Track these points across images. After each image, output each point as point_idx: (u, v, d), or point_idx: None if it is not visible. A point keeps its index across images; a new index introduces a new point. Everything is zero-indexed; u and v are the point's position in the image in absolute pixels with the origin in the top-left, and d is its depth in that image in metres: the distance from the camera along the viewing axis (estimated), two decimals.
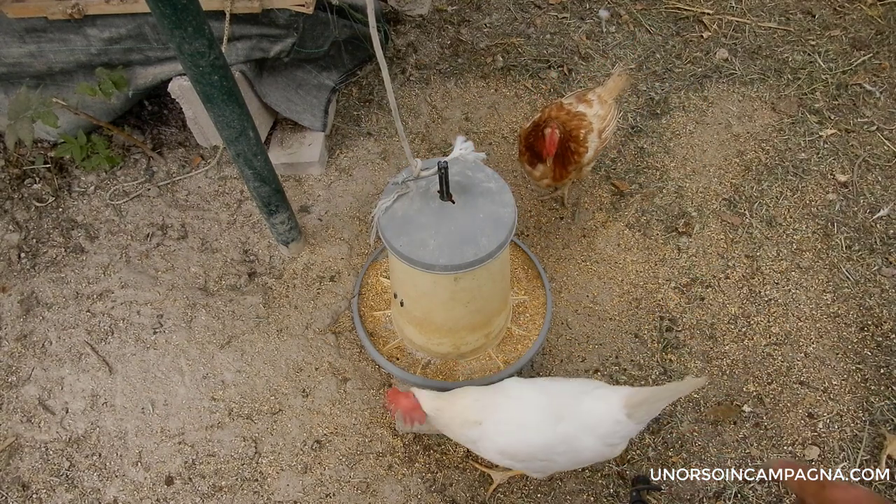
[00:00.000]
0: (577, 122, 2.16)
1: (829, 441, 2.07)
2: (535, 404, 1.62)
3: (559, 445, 1.59)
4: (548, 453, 1.62)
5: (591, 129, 2.17)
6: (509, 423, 1.62)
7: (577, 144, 2.16)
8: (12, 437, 2.17)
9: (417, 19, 3.34)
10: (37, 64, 2.46)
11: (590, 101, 2.21)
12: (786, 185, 2.69)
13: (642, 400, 1.52)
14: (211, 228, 2.64)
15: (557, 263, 2.50)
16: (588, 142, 2.17)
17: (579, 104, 2.20)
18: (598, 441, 1.58)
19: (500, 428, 1.62)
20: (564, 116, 2.17)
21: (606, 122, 2.22)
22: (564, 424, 1.58)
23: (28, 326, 2.41)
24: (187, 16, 1.56)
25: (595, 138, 2.18)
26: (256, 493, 2.03)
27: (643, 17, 3.34)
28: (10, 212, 2.70)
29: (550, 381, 1.70)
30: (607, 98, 2.25)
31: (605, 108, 2.22)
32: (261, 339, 2.34)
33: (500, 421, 1.62)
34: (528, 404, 1.63)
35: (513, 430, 1.62)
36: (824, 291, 2.39)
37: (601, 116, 2.20)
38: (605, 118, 2.21)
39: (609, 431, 1.57)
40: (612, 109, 2.25)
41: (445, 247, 1.50)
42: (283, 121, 2.84)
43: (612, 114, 2.25)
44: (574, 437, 1.58)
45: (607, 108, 2.23)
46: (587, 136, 2.16)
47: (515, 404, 1.64)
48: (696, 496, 2.00)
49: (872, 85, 3.00)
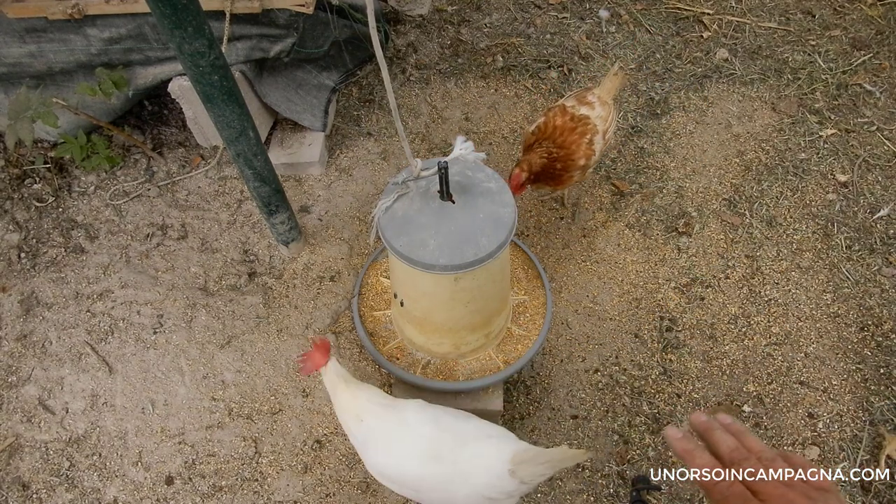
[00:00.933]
0: (582, 130, 2.15)
1: (829, 441, 2.07)
2: (419, 434, 1.53)
3: (430, 483, 1.51)
4: (418, 486, 1.54)
5: (597, 132, 2.17)
6: (388, 441, 1.55)
7: (565, 164, 2.15)
8: (12, 437, 2.17)
9: (417, 19, 3.34)
10: (37, 64, 2.46)
11: (591, 104, 2.21)
12: (786, 185, 2.69)
13: (528, 459, 1.44)
14: (211, 228, 2.64)
15: (557, 263, 2.50)
16: (594, 144, 2.17)
17: (581, 106, 2.20)
18: (474, 491, 1.48)
19: (378, 444, 1.55)
20: (569, 123, 2.16)
21: (608, 122, 2.22)
22: (439, 465, 1.49)
23: (28, 326, 2.41)
24: (187, 16, 1.56)
25: (600, 140, 2.18)
26: (256, 493, 2.03)
27: (643, 17, 3.34)
28: (10, 212, 2.70)
29: (454, 416, 1.59)
30: (607, 98, 2.25)
31: (606, 109, 2.22)
32: (261, 339, 2.34)
33: (380, 438, 1.55)
34: (413, 432, 1.53)
35: (389, 449, 1.54)
36: (824, 291, 2.39)
37: (603, 118, 2.20)
38: (608, 119, 2.21)
39: (487, 484, 1.47)
40: (612, 110, 2.25)
41: (445, 247, 1.50)
42: (283, 121, 2.84)
43: (612, 114, 2.25)
44: (448, 482, 1.49)
45: (608, 108, 2.23)
46: (593, 139, 2.16)
47: (400, 426, 1.55)
48: (697, 496, 2.00)
49: (872, 85, 3.00)
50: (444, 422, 1.57)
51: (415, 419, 1.57)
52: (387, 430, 1.56)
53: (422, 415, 1.58)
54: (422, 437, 1.53)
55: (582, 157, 2.16)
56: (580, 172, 2.21)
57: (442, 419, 1.57)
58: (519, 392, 2.21)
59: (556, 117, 2.20)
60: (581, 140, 2.15)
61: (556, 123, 2.18)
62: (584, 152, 2.16)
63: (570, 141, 2.15)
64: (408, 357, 1.88)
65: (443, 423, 1.56)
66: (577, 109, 2.20)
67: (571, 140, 2.15)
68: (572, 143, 2.15)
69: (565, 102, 2.25)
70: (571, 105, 2.22)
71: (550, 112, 2.24)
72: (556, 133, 2.17)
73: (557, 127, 2.18)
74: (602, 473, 2.05)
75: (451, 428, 1.55)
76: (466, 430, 1.55)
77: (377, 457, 1.57)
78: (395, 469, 1.55)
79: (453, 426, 1.56)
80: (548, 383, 2.23)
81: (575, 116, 2.18)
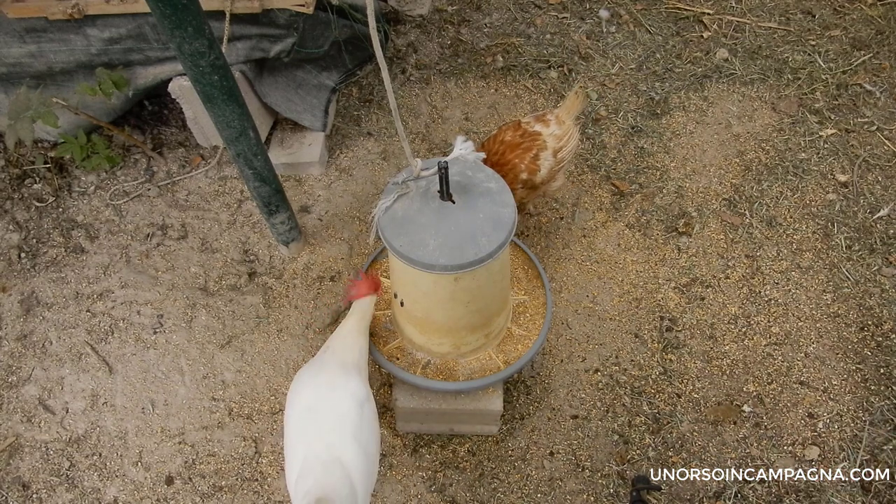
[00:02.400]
0: (528, 146, 2.14)
1: (829, 441, 2.07)
2: (309, 397, 1.59)
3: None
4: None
5: (545, 148, 2.15)
6: (311, 376, 1.63)
7: (507, 178, 2.11)
8: (12, 437, 2.17)
9: (417, 19, 3.34)
10: (37, 64, 2.46)
11: (548, 122, 2.20)
12: (786, 185, 2.69)
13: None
14: (211, 228, 2.64)
15: (557, 263, 2.50)
16: (540, 160, 2.15)
17: (537, 123, 2.20)
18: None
19: (308, 376, 1.63)
20: (517, 139, 2.15)
21: (563, 141, 2.20)
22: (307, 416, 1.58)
23: (28, 326, 2.41)
24: (187, 16, 1.56)
25: (549, 157, 2.16)
26: (256, 493, 2.03)
27: (643, 17, 3.34)
28: (10, 212, 2.70)
29: (343, 414, 1.58)
30: (565, 118, 2.23)
31: (563, 129, 2.20)
32: (261, 339, 2.34)
33: (319, 380, 1.62)
34: (322, 393, 1.60)
35: (302, 381, 1.63)
36: (824, 291, 2.39)
37: (557, 136, 2.18)
38: (562, 138, 2.20)
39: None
40: (570, 130, 2.23)
41: (445, 247, 1.50)
42: (283, 121, 2.84)
43: (570, 134, 2.22)
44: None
45: (565, 128, 2.21)
46: (539, 154, 2.14)
47: (328, 385, 1.61)
48: (696, 496, 2.00)
49: (872, 85, 3.00)
50: (330, 404, 1.57)
51: (341, 389, 1.58)
52: (325, 380, 1.60)
53: (335, 392, 1.59)
54: (304, 399, 1.58)
55: (525, 171, 2.14)
56: (525, 188, 2.19)
57: (339, 406, 1.56)
58: (519, 392, 2.21)
59: (507, 132, 2.20)
60: (526, 154, 2.14)
61: (505, 139, 2.18)
62: (527, 166, 2.14)
63: (511, 157, 2.14)
64: (408, 357, 1.88)
65: (329, 403, 1.56)
66: (531, 126, 2.19)
67: (513, 156, 2.14)
68: (514, 158, 2.14)
69: (522, 119, 2.24)
70: (527, 121, 2.21)
71: (504, 127, 2.23)
72: (498, 150, 2.17)
73: (504, 142, 2.17)
74: (602, 473, 2.05)
75: (326, 416, 1.56)
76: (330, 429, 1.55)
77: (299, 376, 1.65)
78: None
79: (331, 417, 1.56)
80: (548, 383, 2.23)
81: (526, 133, 2.17)
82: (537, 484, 2.03)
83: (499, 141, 2.19)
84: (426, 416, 2.01)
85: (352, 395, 1.56)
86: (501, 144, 2.18)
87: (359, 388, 1.58)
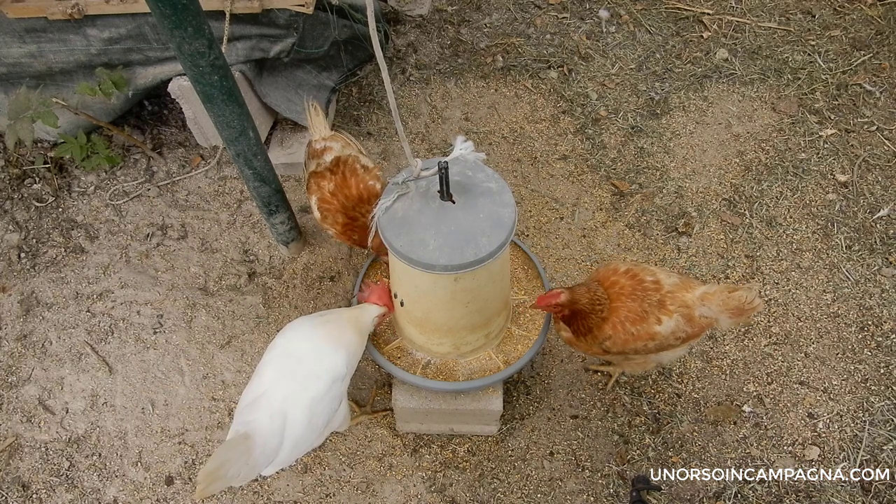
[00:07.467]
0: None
1: (829, 441, 2.07)
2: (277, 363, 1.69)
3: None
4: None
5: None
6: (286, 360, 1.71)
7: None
8: (12, 437, 2.17)
9: (417, 19, 3.34)
10: (37, 64, 2.46)
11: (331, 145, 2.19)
12: (786, 185, 2.69)
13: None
14: (211, 228, 2.64)
15: (557, 263, 2.50)
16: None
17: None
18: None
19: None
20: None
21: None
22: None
23: (28, 326, 2.41)
24: (187, 16, 1.56)
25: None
26: (256, 493, 2.03)
27: (643, 17, 3.34)
28: (10, 212, 2.70)
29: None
30: (326, 133, 2.22)
31: (339, 141, 2.19)
32: (261, 339, 2.34)
33: (308, 362, 1.70)
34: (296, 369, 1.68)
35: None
36: (824, 291, 2.39)
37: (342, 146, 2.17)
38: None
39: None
40: (341, 139, 2.21)
41: (445, 247, 1.50)
42: (283, 121, 2.84)
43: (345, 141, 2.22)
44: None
45: (339, 140, 2.20)
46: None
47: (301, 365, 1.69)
48: (696, 496, 2.00)
49: (872, 85, 3.00)
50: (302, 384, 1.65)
51: (328, 358, 1.67)
52: (322, 335, 1.70)
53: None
54: (295, 344, 1.70)
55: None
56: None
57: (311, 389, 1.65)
58: (519, 392, 2.21)
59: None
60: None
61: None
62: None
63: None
64: (408, 357, 1.88)
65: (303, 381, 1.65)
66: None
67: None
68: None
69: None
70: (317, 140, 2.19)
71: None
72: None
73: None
74: (602, 473, 2.05)
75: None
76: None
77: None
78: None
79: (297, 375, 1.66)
80: (548, 383, 2.23)
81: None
82: (537, 484, 2.03)
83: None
84: (426, 416, 2.01)
85: (331, 367, 1.67)
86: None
87: (339, 366, 1.69)
